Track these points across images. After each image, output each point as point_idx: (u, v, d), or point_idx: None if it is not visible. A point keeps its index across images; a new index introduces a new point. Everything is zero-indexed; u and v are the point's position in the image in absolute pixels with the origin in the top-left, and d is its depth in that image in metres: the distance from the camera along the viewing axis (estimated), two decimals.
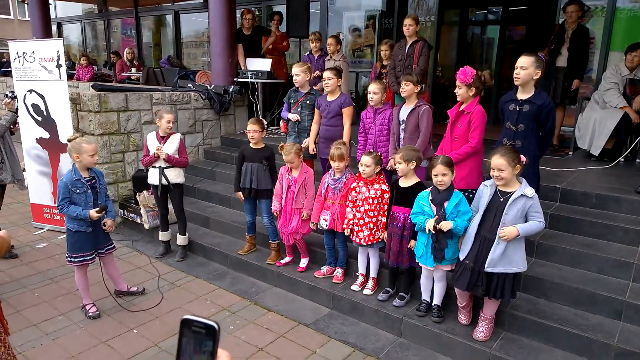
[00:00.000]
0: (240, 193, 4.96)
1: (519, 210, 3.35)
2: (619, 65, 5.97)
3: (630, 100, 5.76)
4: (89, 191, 4.07)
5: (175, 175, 5.15)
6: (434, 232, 3.60)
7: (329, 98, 5.11)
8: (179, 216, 5.36)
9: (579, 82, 6.34)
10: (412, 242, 3.90)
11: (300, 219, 4.60)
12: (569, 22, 6.32)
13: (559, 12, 6.86)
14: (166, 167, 5.08)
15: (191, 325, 0.91)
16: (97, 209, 4.04)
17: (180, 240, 5.44)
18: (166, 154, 4.99)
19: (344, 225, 4.31)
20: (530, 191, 3.35)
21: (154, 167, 5.12)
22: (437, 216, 3.61)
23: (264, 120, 5.20)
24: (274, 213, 4.78)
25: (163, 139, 5.08)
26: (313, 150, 5.25)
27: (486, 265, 3.38)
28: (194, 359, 0.91)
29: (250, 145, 4.90)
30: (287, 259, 4.95)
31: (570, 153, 6.36)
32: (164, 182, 5.10)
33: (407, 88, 4.49)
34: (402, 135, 4.61)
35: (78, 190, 4.02)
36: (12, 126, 5.55)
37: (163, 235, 5.54)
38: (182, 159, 5.17)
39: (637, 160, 5.86)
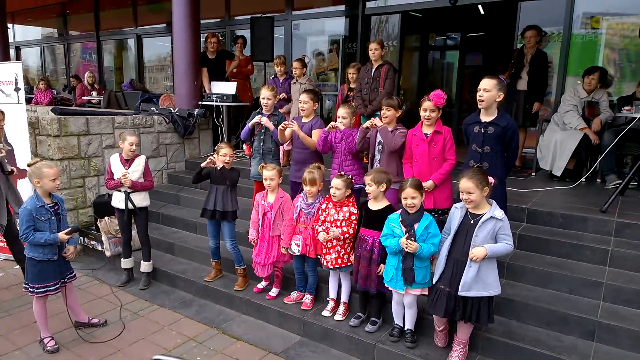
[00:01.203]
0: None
1: (489, 232, 3.34)
2: (577, 88, 6.16)
3: (589, 121, 5.94)
4: (53, 218, 3.90)
5: (141, 199, 5.02)
6: (405, 248, 3.56)
7: (304, 120, 5.06)
8: (143, 241, 5.18)
9: (540, 104, 6.52)
10: (382, 267, 3.85)
11: (277, 246, 4.51)
12: (527, 46, 6.51)
13: (516, 38, 7.07)
14: (132, 192, 4.94)
15: None
16: (68, 230, 3.87)
17: (144, 267, 5.24)
18: (130, 181, 4.84)
19: (319, 229, 4.17)
20: (499, 213, 3.35)
21: (119, 190, 4.96)
22: (407, 234, 3.58)
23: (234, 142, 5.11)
24: (251, 242, 4.65)
25: (127, 162, 4.94)
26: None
27: (460, 289, 3.35)
28: None
29: (218, 168, 4.77)
30: (264, 284, 4.82)
31: (533, 174, 6.48)
32: (130, 206, 4.95)
33: (388, 113, 4.45)
34: (377, 157, 4.60)
35: (42, 218, 3.83)
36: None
37: (125, 263, 5.34)
38: (147, 183, 5.04)
39: (598, 180, 6.00)
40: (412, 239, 3.55)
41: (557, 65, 6.88)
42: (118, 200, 5.00)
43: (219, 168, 4.71)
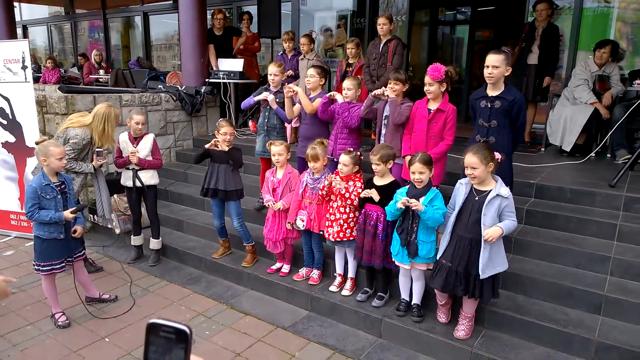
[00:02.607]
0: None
1: (495, 210, 3.33)
2: (588, 61, 6.06)
3: (599, 96, 5.85)
4: (59, 196, 3.91)
5: (149, 177, 5.02)
6: (405, 205, 3.55)
7: (311, 95, 5.04)
8: (152, 219, 5.20)
9: (550, 79, 6.42)
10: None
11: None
12: (539, 20, 6.39)
13: (527, 12, 6.94)
14: (140, 169, 4.95)
15: (159, 330, 0.80)
16: (73, 209, 3.89)
17: (154, 244, 5.29)
18: (138, 158, 4.85)
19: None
20: (505, 191, 3.33)
21: (127, 168, 4.98)
22: (405, 235, 3.61)
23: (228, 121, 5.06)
24: (267, 204, 4.57)
25: (136, 140, 4.95)
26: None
27: (481, 274, 3.33)
28: None
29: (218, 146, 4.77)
30: (279, 265, 4.80)
31: (543, 149, 6.43)
32: (138, 184, 4.97)
33: (396, 87, 4.41)
34: (383, 131, 4.58)
35: (47, 196, 3.85)
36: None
37: (135, 240, 5.38)
38: (156, 161, 5.04)
39: (608, 155, 5.94)
40: (411, 231, 3.58)
41: (569, 39, 6.78)
42: (127, 179, 5.03)
43: (224, 150, 4.66)
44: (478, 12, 9.91)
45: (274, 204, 4.49)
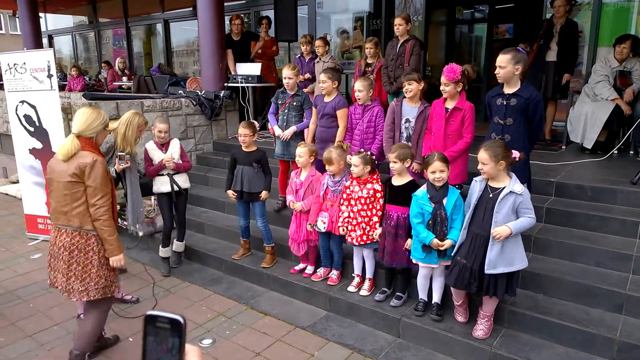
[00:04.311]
0: (230, 192, 4.91)
1: (509, 207, 3.32)
2: (608, 57, 5.98)
3: (620, 92, 5.76)
4: None
5: (184, 181, 5.10)
6: (440, 248, 3.61)
7: (326, 99, 5.07)
8: (181, 222, 5.26)
9: (570, 76, 6.33)
10: (409, 241, 3.87)
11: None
12: (557, 16, 6.32)
13: (545, 8, 6.88)
14: (175, 174, 5.03)
15: (155, 321, 0.86)
16: None
17: (177, 246, 5.35)
18: (175, 164, 4.94)
19: (339, 224, 4.27)
20: (519, 187, 3.31)
21: (162, 174, 4.99)
22: (440, 236, 3.62)
23: (255, 122, 5.13)
24: (289, 205, 4.64)
25: (163, 146, 5.01)
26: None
27: (486, 268, 3.34)
28: (162, 357, 0.86)
29: (242, 148, 4.86)
30: (302, 265, 4.84)
31: (563, 147, 6.35)
32: (176, 188, 5.02)
33: (411, 87, 4.42)
34: (404, 135, 4.58)
35: None
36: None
37: (164, 252, 5.26)
38: (186, 163, 5.14)
39: (631, 152, 5.85)
40: (444, 228, 3.60)
41: (588, 34, 6.69)
42: (163, 184, 5.00)
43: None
44: (496, 10, 9.85)
45: (294, 204, 4.55)
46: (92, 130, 3.42)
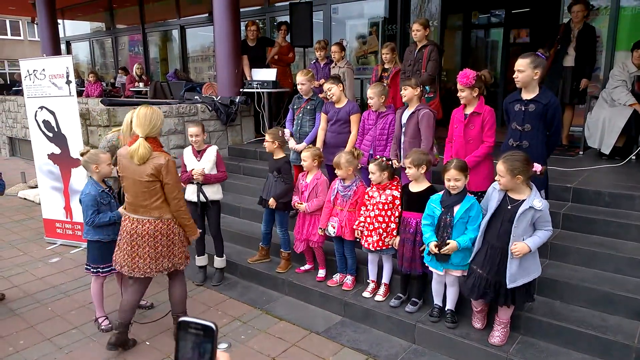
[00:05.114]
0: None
1: (528, 222, 3.29)
2: (626, 62, 5.92)
3: (639, 97, 5.70)
4: (113, 201, 4.15)
5: (214, 192, 4.82)
6: (436, 252, 3.60)
7: (337, 105, 5.10)
8: (215, 235, 4.99)
9: (587, 81, 6.28)
10: (423, 246, 3.87)
11: (310, 225, 4.62)
12: (574, 21, 6.27)
13: (562, 13, 6.83)
14: (204, 184, 4.76)
15: (188, 327, 0.90)
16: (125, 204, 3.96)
17: (218, 262, 5.11)
18: (202, 177, 4.68)
19: (354, 226, 4.27)
20: (539, 203, 3.25)
21: (191, 183, 4.77)
22: (440, 241, 3.61)
23: (281, 130, 5.06)
24: (294, 205, 4.71)
25: (199, 153, 4.81)
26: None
27: (508, 283, 3.31)
28: None
29: (272, 155, 4.90)
30: (307, 267, 4.93)
31: (581, 153, 6.29)
32: (202, 199, 4.78)
33: (406, 92, 4.51)
34: (402, 139, 4.61)
35: (104, 202, 4.07)
36: None
37: (200, 260, 5.14)
38: (220, 174, 4.85)
39: None
40: (446, 237, 3.59)
41: (606, 39, 6.63)
42: (191, 193, 4.79)
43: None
44: (512, 15, 9.80)
45: (299, 204, 4.62)
46: (157, 129, 3.64)
